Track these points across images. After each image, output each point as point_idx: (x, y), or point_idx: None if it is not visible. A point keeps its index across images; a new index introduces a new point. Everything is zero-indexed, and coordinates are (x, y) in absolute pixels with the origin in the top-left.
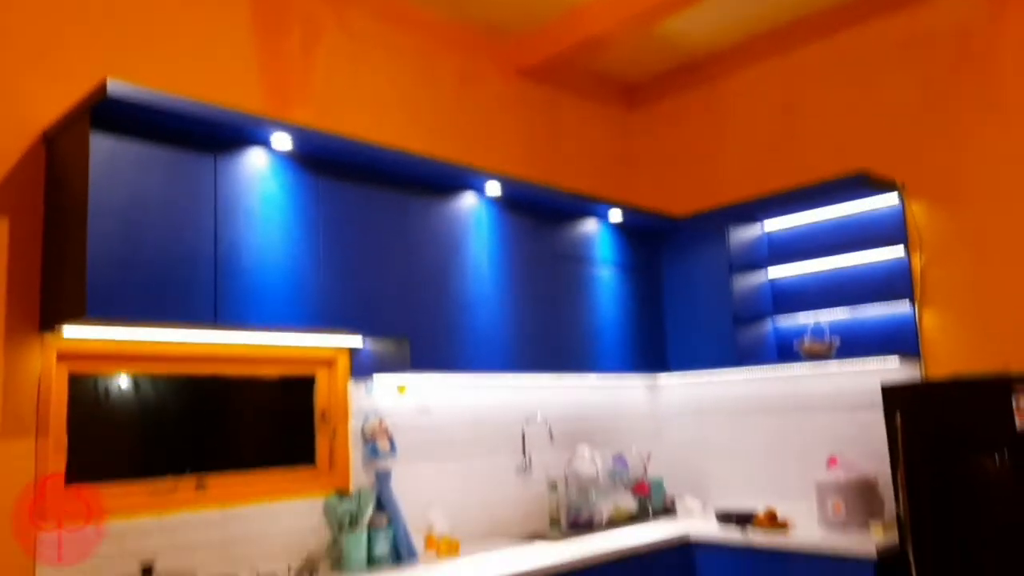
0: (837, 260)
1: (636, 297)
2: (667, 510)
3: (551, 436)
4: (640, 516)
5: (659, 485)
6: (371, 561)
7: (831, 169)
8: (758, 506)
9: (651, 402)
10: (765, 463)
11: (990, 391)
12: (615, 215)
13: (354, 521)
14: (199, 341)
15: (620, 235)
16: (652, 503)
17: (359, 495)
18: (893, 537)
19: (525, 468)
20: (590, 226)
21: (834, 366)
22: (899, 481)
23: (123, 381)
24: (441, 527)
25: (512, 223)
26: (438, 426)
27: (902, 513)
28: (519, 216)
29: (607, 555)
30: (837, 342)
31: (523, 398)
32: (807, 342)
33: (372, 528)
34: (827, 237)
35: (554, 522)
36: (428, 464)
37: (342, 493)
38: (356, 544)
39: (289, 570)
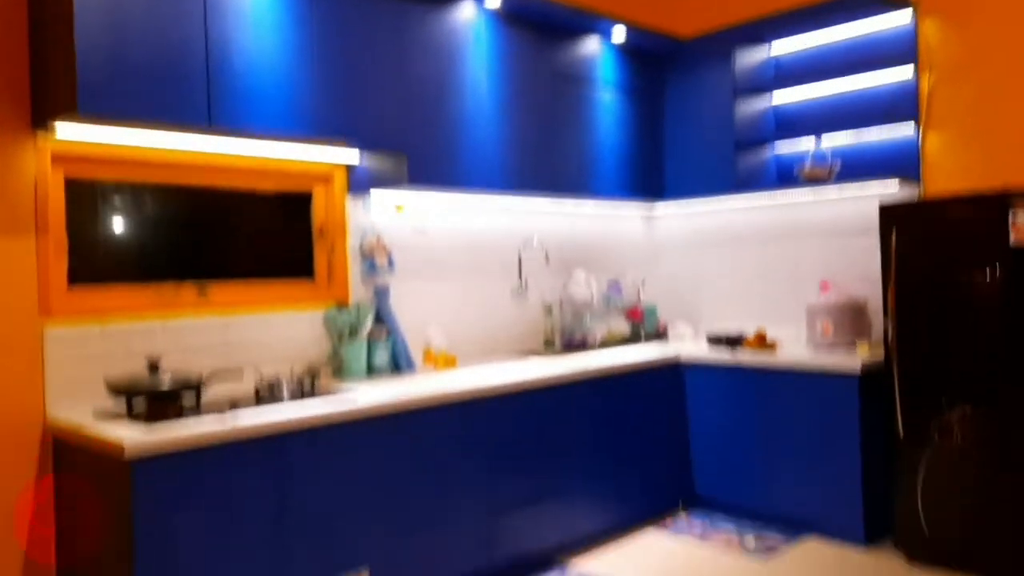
0: (843, 83)
1: (636, 121)
2: (659, 335)
3: (547, 260)
4: (633, 340)
5: (652, 311)
6: (371, 370)
7: None
8: (749, 331)
9: (647, 232)
10: (758, 290)
11: (987, 208)
12: (618, 33)
13: (354, 332)
14: (195, 149)
15: (623, 56)
16: (645, 328)
17: (358, 308)
18: (879, 355)
19: (521, 291)
20: (592, 45)
21: (833, 192)
22: (889, 298)
23: (122, 188)
24: (439, 343)
25: (512, 38)
26: (435, 247)
27: (889, 330)
28: (519, 31)
29: (600, 370)
30: (838, 167)
31: (520, 223)
32: (808, 167)
33: (371, 340)
34: (835, 59)
35: (549, 343)
36: (425, 283)
37: (341, 305)
38: (356, 353)
39: (292, 373)
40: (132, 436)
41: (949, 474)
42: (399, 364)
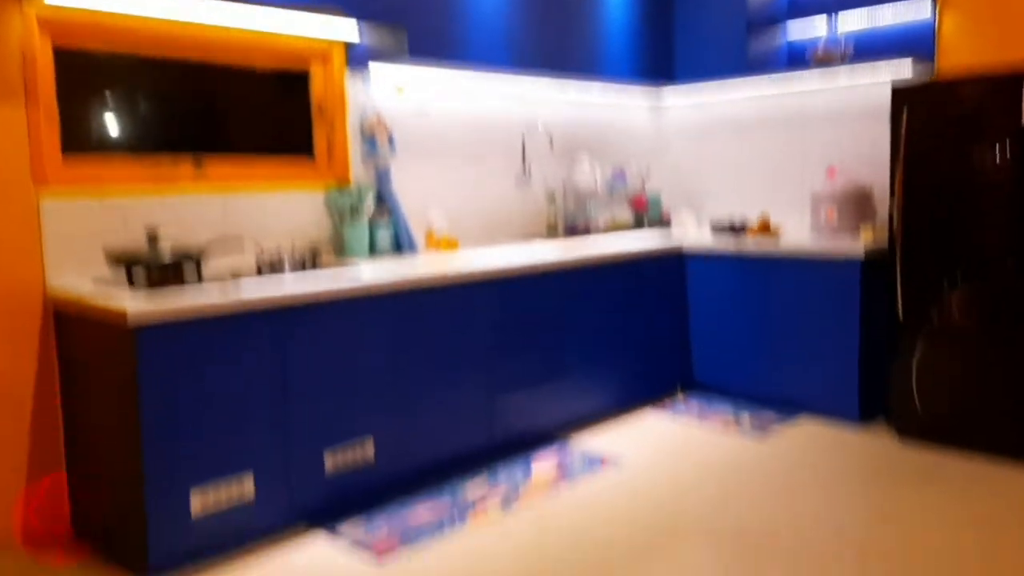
0: None
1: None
2: (663, 224)
3: (551, 145)
4: (636, 228)
5: (656, 200)
6: (373, 251)
7: None
8: (754, 219)
9: (654, 122)
10: (765, 179)
11: (1000, 88)
12: None
13: (355, 212)
14: (186, 20)
15: None
16: (648, 217)
17: (359, 188)
18: (883, 241)
19: (524, 177)
20: None
21: (845, 77)
22: (896, 180)
23: (114, 60)
24: (441, 226)
25: None
26: (437, 130)
27: (895, 212)
28: None
29: (603, 256)
30: (851, 49)
31: (524, 109)
32: (820, 50)
33: (373, 220)
34: None
35: (551, 229)
36: (427, 166)
37: (342, 185)
38: (358, 234)
39: (293, 249)
40: (135, 304)
41: (945, 354)
42: (401, 245)
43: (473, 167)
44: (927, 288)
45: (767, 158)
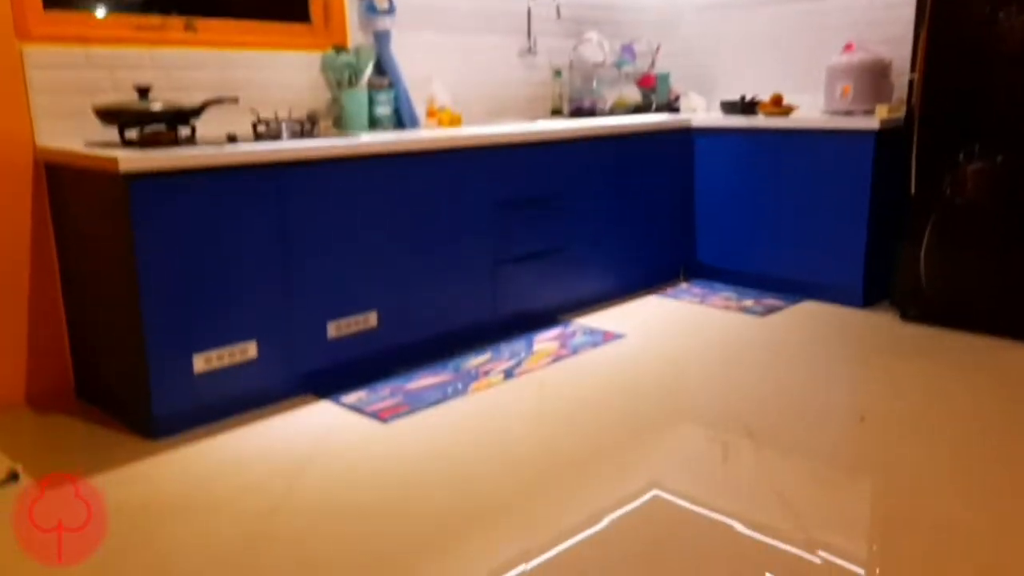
0: None
1: None
2: (671, 107)
3: (558, 15)
4: (643, 109)
5: (665, 79)
6: (373, 123)
7: None
8: (766, 97)
9: None
10: (779, 56)
11: None
12: None
13: (354, 78)
14: None
15: None
16: (657, 97)
17: (358, 52)
18: (899, 118)
19: (530, 50)
20: None
21: None
22: (920, 47)
23: None
24: (443, 100)
25: None
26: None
27: (916, 80)
28: None
29: (608, 128)
30: None
31: None
32: None
33: (373, 89)
34: None
35: (556, 108)
36: (429, 35)
37: (340, 48)
38: (357, 102)
39: (290, 116)
40: (127, 155)
41: (956, 231)
42: (402, 118)
43: (477, 38)
44: (944, 161)
45: (783, 32)
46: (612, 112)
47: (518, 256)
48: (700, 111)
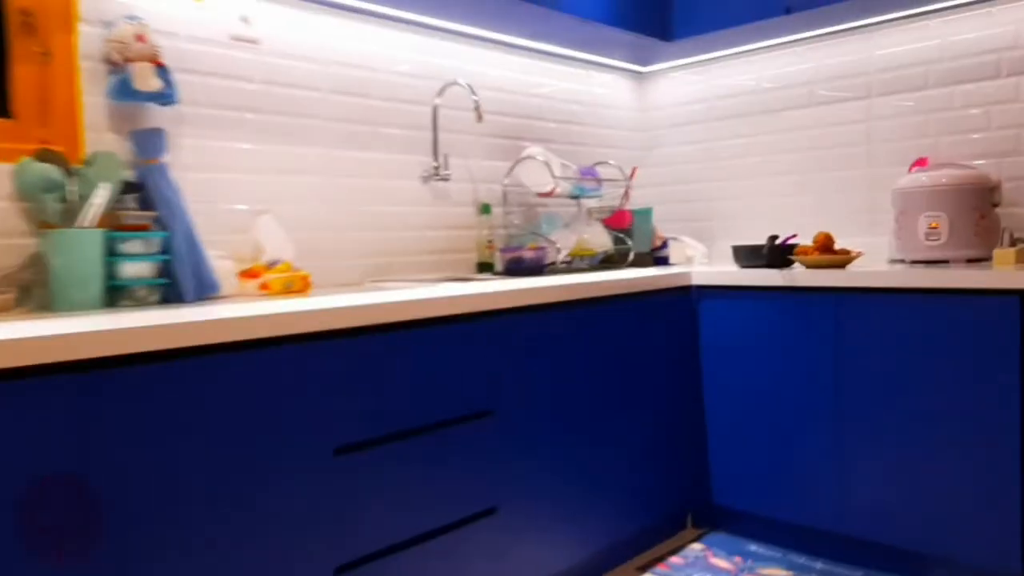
0: None
1: None
2: (656, 256)
3: (479, 116)
4: (616, 260)
5: (645, 217)
6: (115, 292)
7: None
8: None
9: (639, 100)
10: (810, 184)
11: None
12: None
13: (73, 209)
14: None
15: None
16: (635, 242)
17: (94, 161)
18: None
19: (438, 174)
20: None
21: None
22: None
23: None
24: (276, 248)
25: None
26: (277, 73)
27: None
28: None
29: (561, 292)
30: None
31: (437, 59)
32: None
33: (117, 231)
34: None
35: (484, 262)
36: (255, 140)
37: (50, 154)
38: (74, 257)
39: None
40: None
41: None
42: (178, 283)
43: (346, 149)
44: None
45: (811, 151)
46: (569, 268)
47: (393, 526)
48: (699, 262)
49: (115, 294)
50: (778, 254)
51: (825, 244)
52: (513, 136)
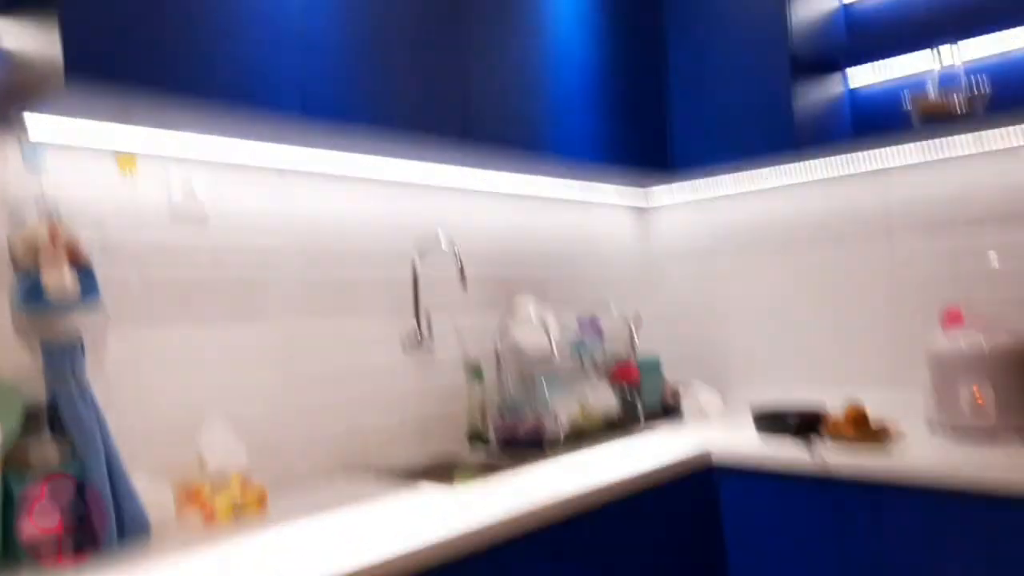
0: None
1: (621, 29)
2: (667, 410)
3: (463, 284)
4: (623, 421)
5: (654, 367)
6: (13, 546)
7: None
8: (823, 399)
9: (640, 236)
10: (829, 328)
11: None
12: None
13: None
14: None
15: None
16: (643, 397)
17: None
18: None
19: (419, 341)
20: None
21: (969, 142)
22: None
23: None
24: (223, 460)
25: None
26: (227, 246)
27: None
28: None
29: (564, 505)
30: (986, 89)
31: (415, 210)
32: (929, 94)
33: (18, 469)
34: None
35: (475, 438)
36: (199, 325)
37: None
38: None
39: None
40: None
41: None
42: (97, 530)
43: (310, 322)
44: None
45: (829, 289)
46: (572, 438)
47: None
48: (714, 416)
49: (14, 551)
50: (805, 430)
51: (858, 419)
52: (505, 283)
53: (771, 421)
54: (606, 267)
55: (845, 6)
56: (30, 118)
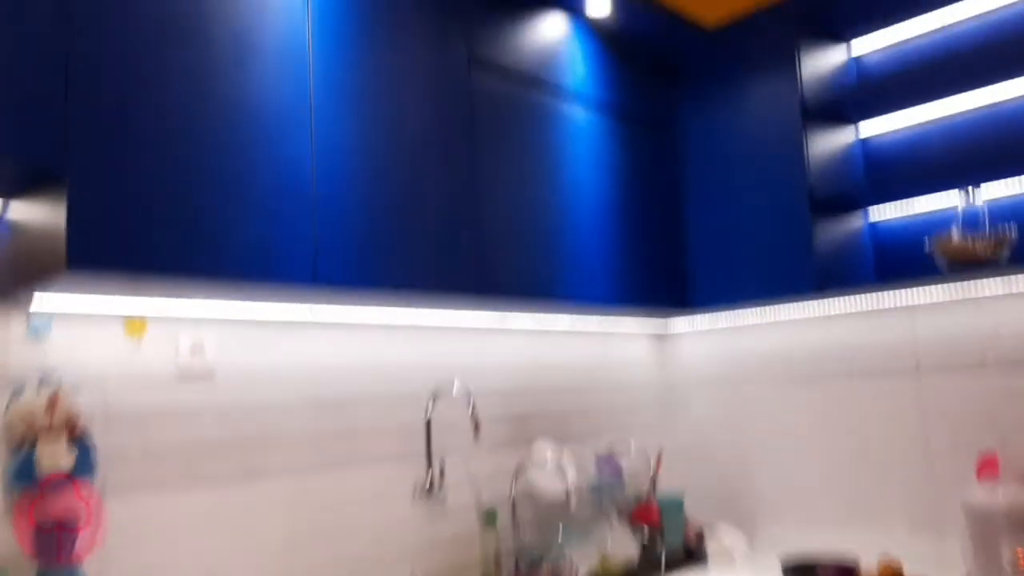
0: (983, 94)
1: (637, 170)
2: (689, 553)
3: (476, 434)
4: (644, 568)
5: (676, 507)
6: None
7: None
8: (855, 549)
9: (659, 364)
10: (858, 467)
11: None
12: (598, 6)
13: None
14: None
15: (608, 55)
16: (665, 541)
17: None
18: None
19: (432, 489)
20: (553, 28)
21: (997, 285)
22: None
23: None
24: None
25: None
26: (233, 409)
27: None
28: None
29: None
30: (1013, 233)
31: (426, 351)
32: (953, 237)
33: None
34: (960, 53)
35: None
36: (203, 492)
37: None
38: None
39: None
40: None
41: None
42: None
43: (320, 477)
44: None
45: (857, 427)
46: None
47: None
48: (739, 559)
49: None
50: None
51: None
52: (522, 419)
53: (802, 575)
54: (626, 396)
55: (862, 141)
56: (38, 296)
